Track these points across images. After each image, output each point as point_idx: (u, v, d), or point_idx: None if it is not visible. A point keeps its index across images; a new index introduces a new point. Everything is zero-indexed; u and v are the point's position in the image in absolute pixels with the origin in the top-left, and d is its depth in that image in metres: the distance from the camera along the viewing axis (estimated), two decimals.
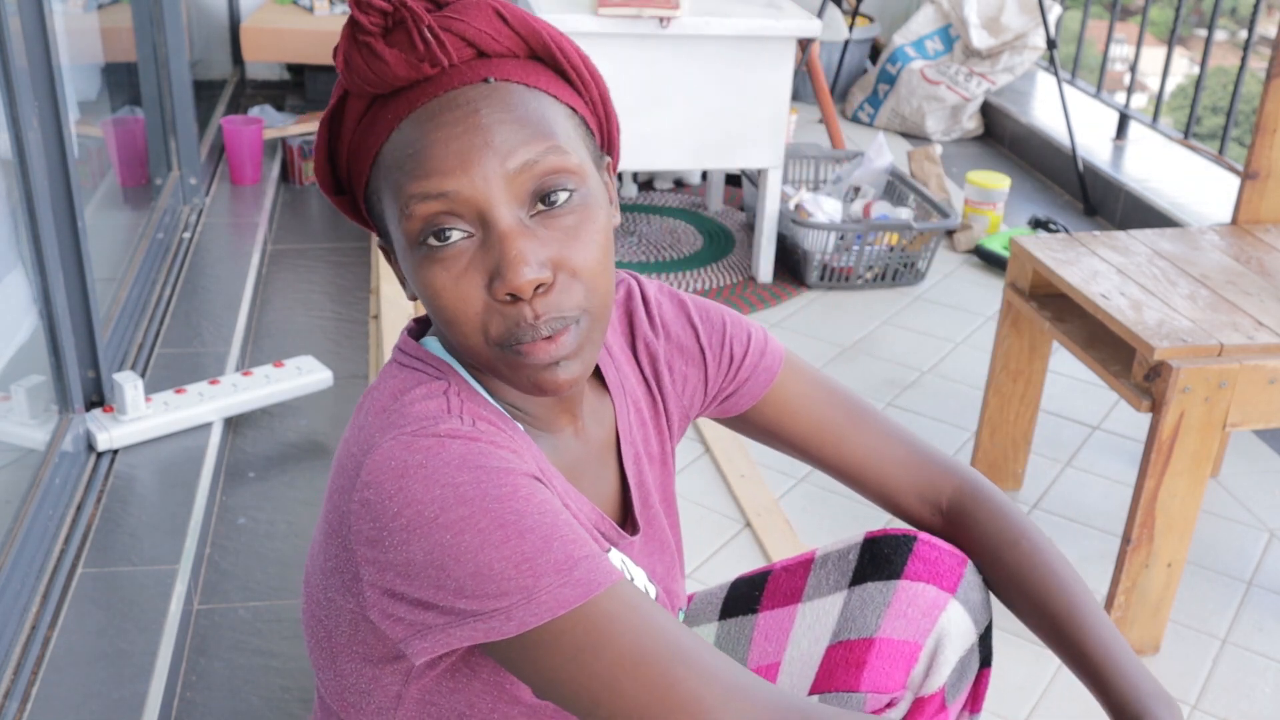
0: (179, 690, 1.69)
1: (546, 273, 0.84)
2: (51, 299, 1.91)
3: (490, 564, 0.81)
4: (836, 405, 1.16)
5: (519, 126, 0.85)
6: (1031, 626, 1.10)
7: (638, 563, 1.06)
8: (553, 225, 0.86)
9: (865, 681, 1.12)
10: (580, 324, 0.88)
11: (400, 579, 0.83)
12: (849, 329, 2.89)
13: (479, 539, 0.81)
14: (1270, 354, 1.73)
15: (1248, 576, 2.08)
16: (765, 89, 2.89)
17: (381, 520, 0.84)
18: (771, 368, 1.14)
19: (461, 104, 0.85)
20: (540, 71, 0.89)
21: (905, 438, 1.18)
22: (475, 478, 0.84)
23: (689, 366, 1.12)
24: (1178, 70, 7.73)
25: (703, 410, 1.16)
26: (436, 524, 0.82)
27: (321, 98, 4.10)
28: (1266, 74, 2.06)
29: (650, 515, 1.09)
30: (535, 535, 0.82)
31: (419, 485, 0.83)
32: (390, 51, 0.85)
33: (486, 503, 0.83)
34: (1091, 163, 3.71)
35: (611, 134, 0.97)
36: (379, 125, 0.87)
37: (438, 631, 0.83)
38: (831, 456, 1.17)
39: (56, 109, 1.96)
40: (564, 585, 0.82)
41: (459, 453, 0.85)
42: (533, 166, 0.84)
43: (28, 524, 1.75)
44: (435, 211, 0.84)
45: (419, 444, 0.85)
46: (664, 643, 0.84)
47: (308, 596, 0.97)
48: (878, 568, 1.14)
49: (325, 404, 2.41)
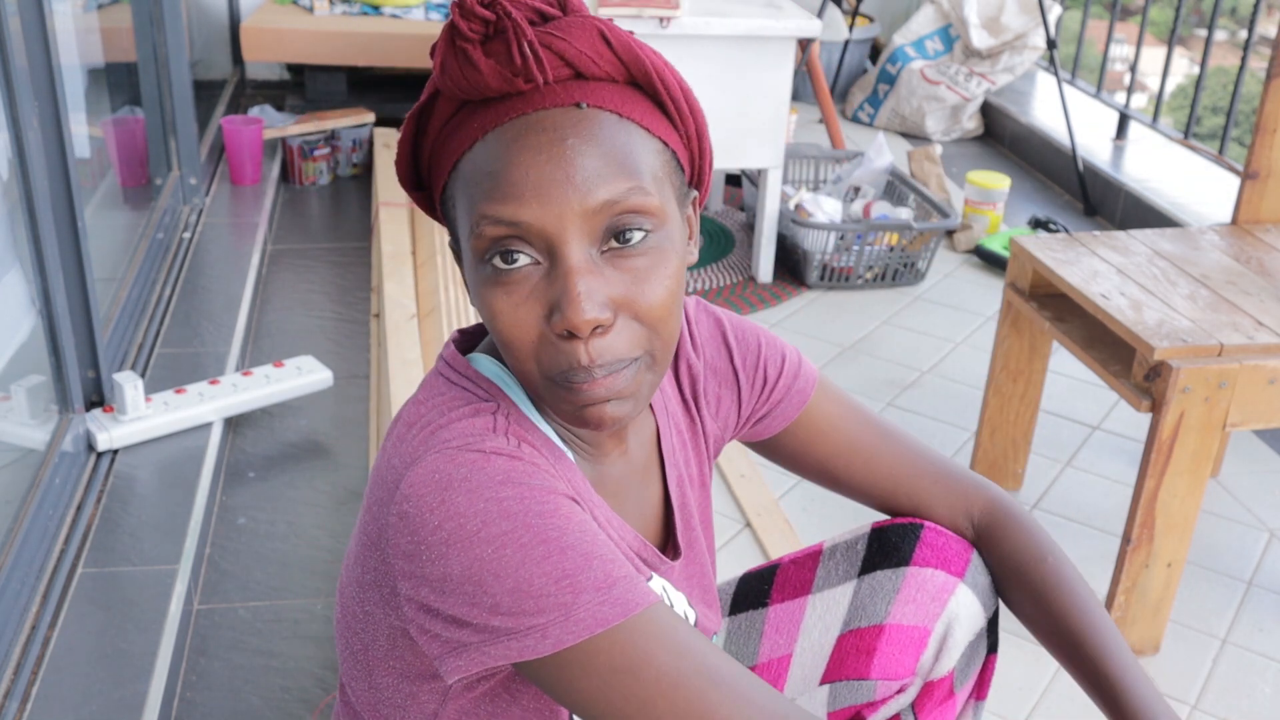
0: (179, 690, 1.69)
1: (607, 314, 0.83)
2: (51, 299, 1.91)
3: (530, 579, 0.80)
4: (866, 425, 1.15)
5: (604, 162, 0.82)
6: (1050, 646, 1.10)
7: (678, 588, 1.05)
8: (622, 265, 0.84)
9: (876, 669, 1.13)
10: (638, 363, 0.86)
11: (435, 594, 0.82)
12: (849, 329, 2.89)
13: (520, 554, 0.81)
14: (1270, 354, 1.73)
15: (1248, 576, 2.08)
16: (765, 89, 2.89)
17: (420, 534, 0.83)
18: (805, 390, 1.13)
19: (549, 128, 0.82)
20: (637, 101, 0.86)
21: (932, 455, 1.18)
22: (518, 494, 0.83)
23: (723, 389, 1.11)
24: (1178, 70, 7.73)
25: (736, 433, 1.14)
26: (478, 538, 0.81)
27: (322, 98, 4.09)
28: (1266, 74, 2.06)
29: (692, 538, 1.08)
30: (576, 553, 0.82)
31: (462, 498, 0.82)
32: (486, 61, 0.83)
33: (529, 518, 0.82)
34: (1091, 163, 3.71)
35: (703, 169, 0.94)
36: (463, 133, 0.85)
37: (473, 650, 0.82)
38: (861, 477, 1.16)
39: (56, 109, 1.96)
40: (602, 604, 0.81)
41: (503, 469, 0.84)
42: (612, 206, 0.82)
43: (28, 524, 1.75)
44: (505, 235, 0.82)
45: (463, 458, 0.84)
46: (700, 667, 0.83)
47: (342, 608, 0.96)
48: (886, 556, 1.14)
49: (325, 404, 2.41)
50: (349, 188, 3.61)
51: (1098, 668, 1.05)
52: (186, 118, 3.14)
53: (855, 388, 2.61)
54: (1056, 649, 1.10)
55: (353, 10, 4.09)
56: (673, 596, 1.03)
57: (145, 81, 3.07)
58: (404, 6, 4.09)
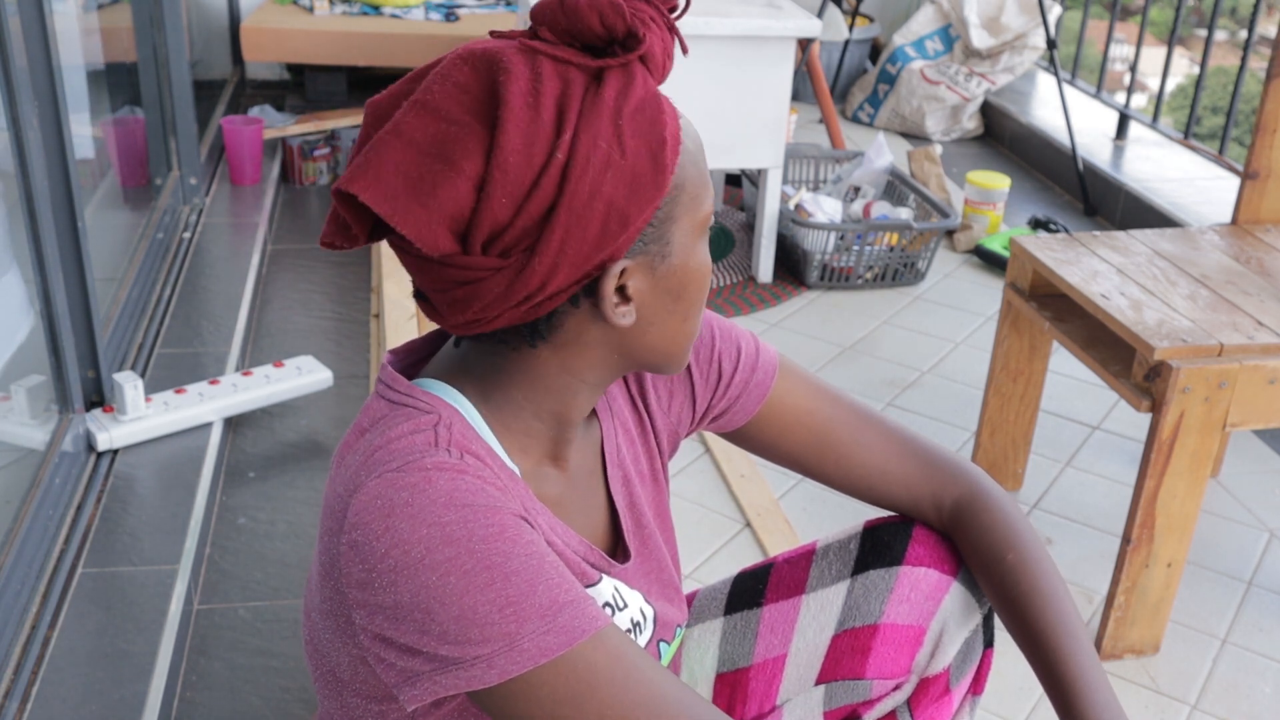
0: (179, 690, 1.69)
1: None
2: (52, 299, 1.91)
3: (475, 607, 0.80)
4: (835, 417, 1.14)
5: None
6: (1016, 640, 1.10)
7: (633, 586, 1.04)
8: None
9: (871, 668, 1.13)
10: None
11: (389, 623, 0.82)
12: (849, 329, 2.89)
13: (464, 581, 0.80)
14: (1270, 354, 1.73)
15: (1248, 576, 2.08)
16: (765, 89, 2.89)
17: (370, 561, 0.83)
18: (764, 382, 1.11)
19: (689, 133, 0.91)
20: None
21: (909, 444, 1.16)
22: (462, 516, 0.82)
23: (674, 383, 1.10)
24: (1178, 70, 7.73)
25: (694, 428, 1.14)
26: (423, 565, 0.81)
27: (321, 98, 4.10)
28: (1266, 74, 2.06)
29: (645, 536, 1.08)
30: (520, 578, 0.81)
31: (405, 525, 0.82)
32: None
33: (473, 543, 0.82)
34: (1091, 163, 3.71)
35: None
36: None
37: (425, 679, 0.82)
38: (833, 472, 1.15)
39: (56, 109, 1.96)
40: (547, 632, 0.81)
41: (445, 489, 0.84)
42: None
43: (28, 524, 1.75)
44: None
45: (404, 480, 0.84)
46: (646, 698, 0.83)
47: (309, 630, 0.96)
48: (879, 555, 1.14)
49: (325, 404, 2.41)
50: None
51: (1053, 666, 1.04)
52: (186, 118, 3.14)
53: (855, 388, 2.61)
54: (1020, 644, 1.09)
55: (353, 10, 4.09)
56: (627, 596, 1.02)
57: (145, 81, 3.07)
58: (404, 6, 4.09)
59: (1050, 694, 1.04)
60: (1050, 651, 1.05)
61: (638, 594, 1.04)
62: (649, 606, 1.06)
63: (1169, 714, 1.77)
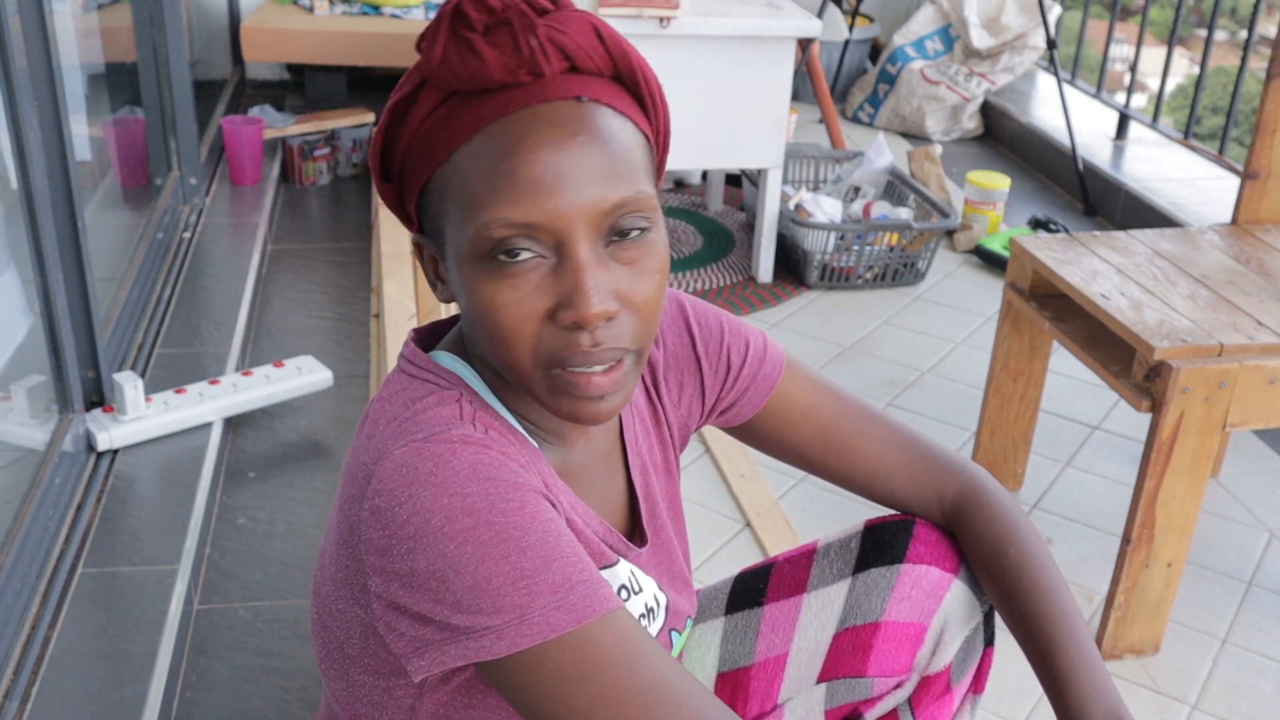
0: (179, 690, 1.69)
1: (614, 305, 0.84)
2: (51, 299, 1.91)
3: (489, 577, 0.80)
4: (840, 412, 1.15)
5: (611, 160, 0.83)
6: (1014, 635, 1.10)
7: (647, 573, 1.05)
8: (621, 257, 0.85)
9: (872, 666, 1.13)
10: (630, 356, 0.87)
11: (404, 590, 0.83)
12: (849, 329, 2.89)
13: (480, 551, 0.81)
14: (1270, 354, 1.73)
15: (1248, 576, 2.08)
16: (765, 89, 2.89)
17: (391, 528, 0.83)
18: (771, 376, 1.13)
19: (558, 123, 0.82)
20: (623, 96, 0.87)
21: (911, 441, 1.17)
22: (484, 489, 0.83)
23: (685, 376, 1.11)
24: (1178, 70, 7.73)
25: (703, 421, 1.15)
26: (442, 534, 0.81)
27: (321, 98, 4.10)
28: (1266, 74, 2.06)
29: (658, 525, 1.08)
30: (536, 553, 0.82)
31: (428, 493, 0.82)
32: (491, 51, 0.82)
33: (492, 515, 0.82)
34: (1091, 163, 3.71)
35: (663, 161, 0.96)
36: (457, 124, 0.84)
37: (434, 649, 0.83)
38: (837, 466, 1.15)
39: (56, 109, 1.96)
40: (558, 608, 0.81)
41: (470, 461, 0.84)
42: (622, 207, 0.83)
43: (28, 524, 1.75)
44: (515, 234, 0.82)
45: (430, 450, 0.84)
46: (650, 682, 0.82)
47: (317, 607, 0.96)
48: (880, 553, 1.14)
49: (325, 404, 2.41)
50: (349, 188, 3.61)
51: (1047, 657, 1.04)
52: (186, 118, 3.14)
53: (855, 388, 2.60)
54: (1018, 638, 1.09)
55: (353, 10, 4.09)
56: (642, 581, 1.03)
57: (145, 81, 3.07)
58: (404, 6, 4.09)
59: (1045, 685, 1.05)
60: (1046, 643, 1.05)
61: (652, 581, 1.05)
62: (662, 594, 1.06)
63: (1169, 714, 1.77)
